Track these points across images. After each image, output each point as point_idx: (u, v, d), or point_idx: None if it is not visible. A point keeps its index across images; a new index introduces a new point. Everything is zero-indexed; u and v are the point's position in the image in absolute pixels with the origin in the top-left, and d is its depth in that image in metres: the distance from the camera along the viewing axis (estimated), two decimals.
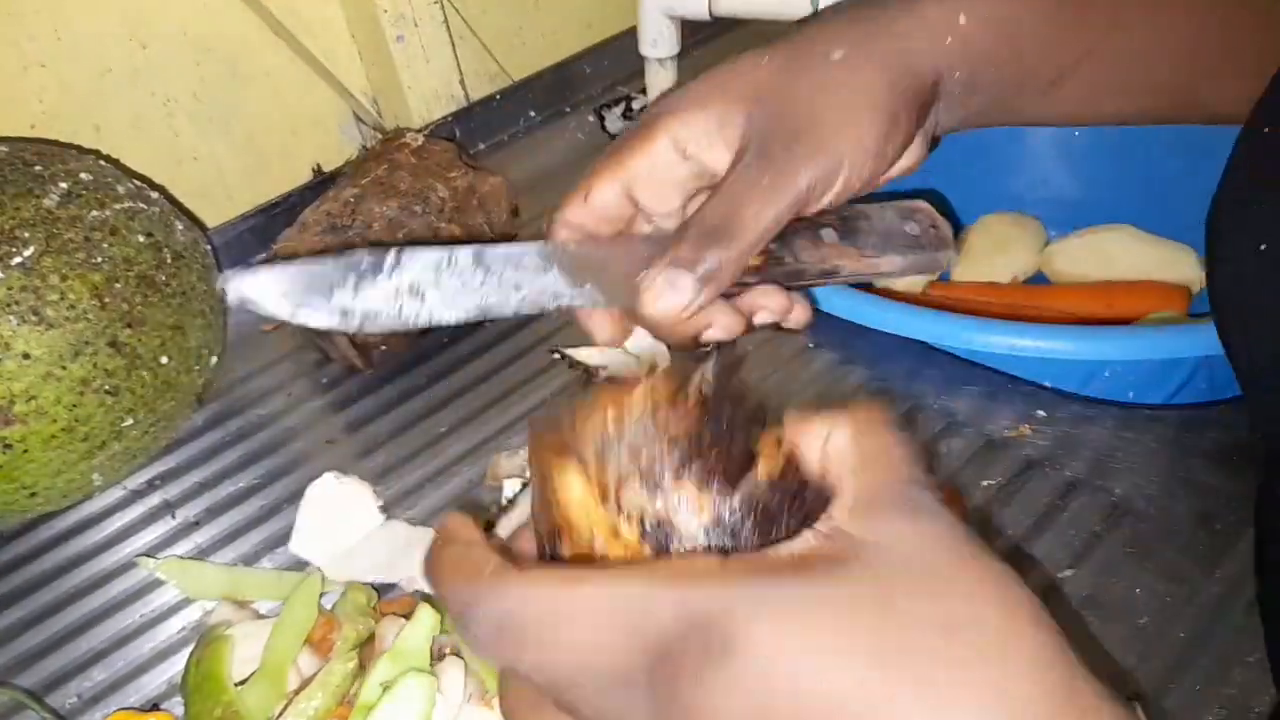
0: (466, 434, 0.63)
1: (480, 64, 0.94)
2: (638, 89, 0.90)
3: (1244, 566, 0.49)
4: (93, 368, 0.54)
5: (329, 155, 0.89)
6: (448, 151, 0.71)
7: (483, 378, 0.67)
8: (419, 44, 0.85)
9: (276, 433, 0.65)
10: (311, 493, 0.56)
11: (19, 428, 0.53)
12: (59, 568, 0.58)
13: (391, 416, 0.65)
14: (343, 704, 0.45)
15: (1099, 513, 0.53)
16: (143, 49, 0.77)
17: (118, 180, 0.60)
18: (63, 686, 0.52)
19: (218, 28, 0.79)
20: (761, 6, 0.80)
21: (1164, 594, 0.49)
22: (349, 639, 0.47)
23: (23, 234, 0.54)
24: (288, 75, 0.84)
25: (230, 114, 0.83)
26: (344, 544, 0.55)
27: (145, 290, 0.57)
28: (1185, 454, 0.55)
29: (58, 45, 0.73)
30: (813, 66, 0.39)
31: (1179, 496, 0.53)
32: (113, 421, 0.56)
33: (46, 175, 0.57)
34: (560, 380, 0.66)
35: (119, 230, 0.57)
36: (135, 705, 0.51)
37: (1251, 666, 0.45)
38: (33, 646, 0.54)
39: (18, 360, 0.52)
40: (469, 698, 0.45)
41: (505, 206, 0.72)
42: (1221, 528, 0.51)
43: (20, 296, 0.53)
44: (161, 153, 0.81)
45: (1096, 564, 0.51)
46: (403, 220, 0.65)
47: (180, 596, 0.56)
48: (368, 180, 0.68)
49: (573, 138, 0.89)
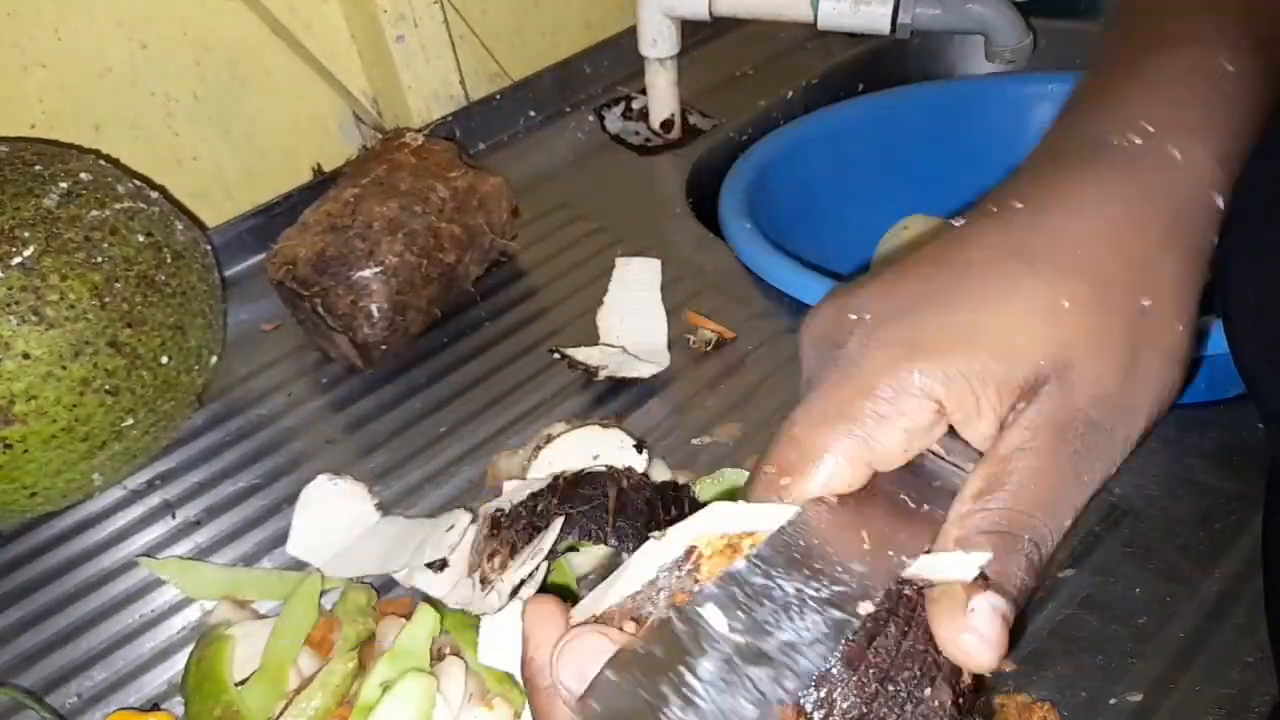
0: (466, 434, 0.63)
1: (480, 64, 0.94)
2: (638, 89, 0.90)
3: (1244, 566, 0.49)
4: (93, 368, 0.54)
5: (329, 155, 0.89)
6: (448, 151, 0.71)
7: (483, 378, 0.67)
8: (419, 44, 0.85)
9: (277, 432, 0.65)
10: (306, 495, 0.56)
11: (19, 427, 0.53)
12: (59, 568, 0.58)
13: (392, 416, 0.65)
14: (343, 704, 0.45)
15: (1099, 512, 0.53)
16: (143, 49, 0.77)
17: (118, 180, 0.60)
18: (63, 686, 0.52)
19: (218, 28, 0.79)
20: (761, 7, 0.80)
21: (1164, 594, 0.49)
22: (349, 639, 0.47)
23: (23, 234, 0.54)
24: (288, 75, 0.84)
25: (230, 114, 0.83)
26: (341, 544, 0.55)
27: (145, 290, 0.57)
28: (1185, 454, 0.55)
29: (58, 45, 0.73)
30: (1126, 325, 0.30)
31: (1179, 496, 0.53)
32: (113, 421, 0.56)
33: (46, 175, 0.57)
34: (560, 380, 0.66)
35: (119, 230, 0.57)
36: (135, 705, 0.51)
37: (1251, 666, 0.45)
38: (33, 646, 0.54)
39: (18, 360, 0.52)
40: (469, 698, 0.45)
41: (505, 206, 0.72)
42: (1221, 528, 0.51)
43: (20, 296, 0.53)
44: (161, 153, 0.81)
45: (1096, 564, 0.51)
46: (403, 220, 0.65)
47: (180, 596, 0.56)
48: (368, 180, 0.68)
49: (573, 138, 0.89)
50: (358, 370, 0.68)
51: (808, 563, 0.28)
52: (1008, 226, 0.32)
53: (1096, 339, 0.30)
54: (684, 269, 0.73)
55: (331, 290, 0.63)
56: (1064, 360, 0.29)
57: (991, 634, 0.27)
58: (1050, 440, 0.29)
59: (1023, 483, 0.29)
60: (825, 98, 0.91)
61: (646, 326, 0.68)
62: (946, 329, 0.30)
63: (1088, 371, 0.29)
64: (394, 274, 0.64)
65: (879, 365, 0.30)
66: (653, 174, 0.85)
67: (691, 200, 0.81)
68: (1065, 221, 0.32)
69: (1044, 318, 0.30)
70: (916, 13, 0.75)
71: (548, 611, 0.30)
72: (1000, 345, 0.29)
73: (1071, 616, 0.48)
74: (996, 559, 0.28)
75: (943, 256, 0.32)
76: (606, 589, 0.30)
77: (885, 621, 0.28)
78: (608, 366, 0.64)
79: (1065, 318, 0.30)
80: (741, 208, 0.74)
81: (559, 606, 0.30)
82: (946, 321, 0.30)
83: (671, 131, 0.88)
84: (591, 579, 0.50)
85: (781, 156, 0.80)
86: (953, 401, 0.29)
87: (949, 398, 0.29)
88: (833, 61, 0.95)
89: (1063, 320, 0.30)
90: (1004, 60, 0.77)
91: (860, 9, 0.76)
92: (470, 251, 0.69)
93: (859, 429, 0.29)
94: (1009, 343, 0.29)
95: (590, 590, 0.31)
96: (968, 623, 0.27)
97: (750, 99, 0.91)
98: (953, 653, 0.27)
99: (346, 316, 0.64)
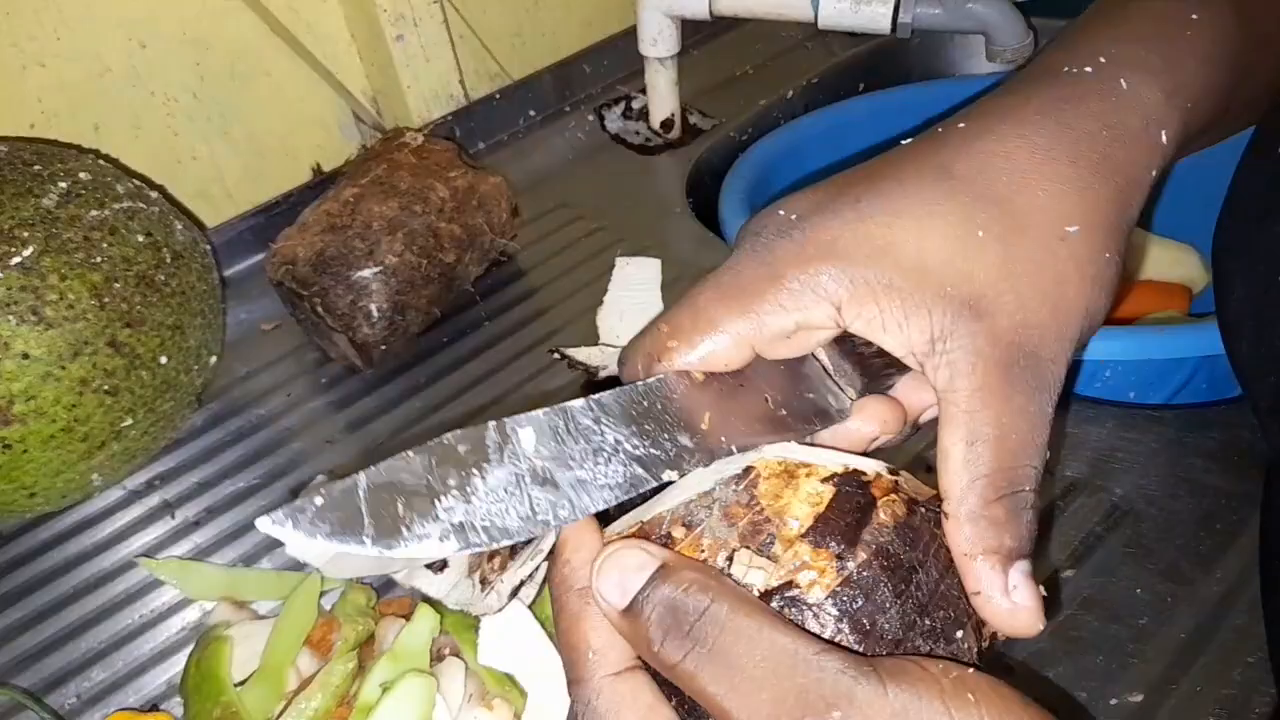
0: None
1: (480, 63, 0.94)
2: (637, 88, 0.90)
3: (1244, 566, 0.49)
4: (92, 368, 0.54)
5: (329, 155, 0.89)
6: (448, 151, 0.71)
7: (483, 377, 0.67)
8: (419, 44, 0.85)
9: (276, 432, 0.65)
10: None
11: (18, 428, 0.53)
12: (58, 568, 0.58)
13: (391, 416, 0.65)
14: (342, 704, 0.45)
15: (1099, 513, 0.53)
16: (142, 49, 0.77)
17: (117, 180, 0.60)
18: (62, 687, 0.52)
19: (217, 27, 0.79)
20: (761, 6, 0.79)
21: (1164, 594, 0.49)
22: (348, 639, 0.47)
23: (22, 234, 0.53)
24: (287, 75, 0.84)
25: (230, 113, 0.83)
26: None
27: (144, 290, 0.57)
28: (1185, 454, 0.55)
29: (57, 45, 0.73)
30: (1046, 251, 0.31)
31: (1179, 497, 0.53)
32: (112, 421, 0.56)
33: (45, 175, 0.57)
34: (560, 380, 0.66)
35: (118, 230, 0.57)
36: (135, 705, 0.51)
37: (1251, 667, 0.45)
38: (32, 647, 0.54)
39: (17, 360, 0.52)
40: (469, 698, 0.45)
41: (505, 206, 0.72)
42: (1222, 528, 0.51)
43: (19, 296, 0.52)
44: (161, 152, 0.81)
45: (1097, 564, 0.51)
46: (403, 220, 0.65)
47: (180, 597, 0.56)
48: (367, 180, 0.68)
49: (573, 137, 0.89)
50: (357, 370, 0.68)
51: (640, 422, 0.30)
52: (942, 146, 0.33)
53: (1009, 268, 0.30)
54: (684, 269, 0.73)
55: (331, 290, 0.63)
56: (975, 290, 0.30)
57: (1036, 603, 0.29)
58: (1000, 379, 0.30)
59: (998, 432, 0.30)
60: (826, 97, 0.91)
61: None
62: (863, 238, 0.30)
63: (1006, 301, 0.30)
64: (394, 274, 0.64)
65: (790, 257, 0.31)
66: (653, 173, 0.85)
67: (691, 200, 0.81)
68: (996, 144, 0.32)
69: (957, 243, 0.30)
70: (917, 12, 0.75)
71: (587, 525, 0.31)
72: (909, 262, 0.30)
73: (1072, 617, 0.48)
74: (1012, 524, 0.29)
75: (878, 170, 0.33)
76: (656, 502, 0.31)
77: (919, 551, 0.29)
78: (608, 366, 0.64)
79: (976, 248, 0.30)
80: (741, 207, 0.74)
81: (596, 525, 0.31)
82: (864, 231, 0.31)
83: (671, 131, 0.88)
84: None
85: (781, 156, 0.80)
86: (852, 308, 0.30)
87: (849, 302, 0.30)
88: (833, 61, 0.95)
89: (973, 247, 0.30)
90: (1004, 60, 0.77)
91: (861, 8, 0.76)
92: (470, 251, 0.69)
93: (755, 311, 0.31)
94: (919, 262, 0.30)
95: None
96: (1016, 604, 0.29)
97: (750, 98, 0.91)
98: (1006, 628, 0.29)
99: (346, 316, 0.64)
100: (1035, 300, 0.30)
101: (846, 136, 0.83)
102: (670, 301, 0.69)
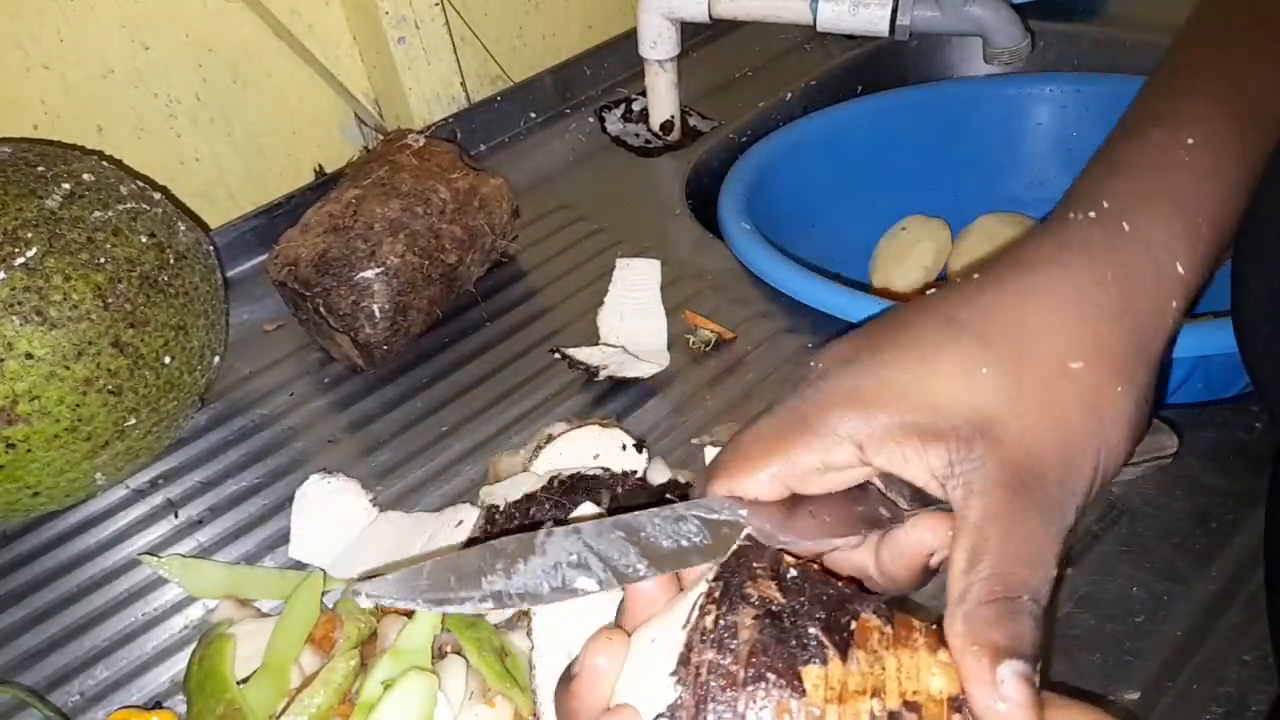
0: (467, 434, 0.63)
1: (481, 65, 0.94)
2: (638, 90, 0.91)
3: (1240, 565, 0.49)
4: (96, 368, 0.55)
5: (331, 156, 0.90)
6: (449, 153, 0.72)
7: (483, 377, 0.67)
8: (420, 46, 0.86)
9: (279, 432, 0.65)
10: (301, 495, 0.56)
11: (22, 427, 0.53)
12: (62, 566, 0.59)
13: (393, 416, 0.65)
14: (344, 702, 0.46)
15: (1096, 512, 0.53)
16: (145, 50, 0.77)
17: (120, 181, 0.60)
18: (65, 685, 0.53)
19: (220, 29, 0.80)
20: (761, 9, 0.80)
21: (1161, 592, 0.49)
22: (351, 637, 0.47)
23: (26, 234, 0.54)
24: (290, 77, 0.85)
25: (232, 115, 0.83)
26: (341, 542, 0.55)
27: (148, 291, 0.57)
28: (1182, 454, 0.55)
29: (60, 47, 0.73)
30: (1049, 386, 0.33)
31: (1176, 496, 0.53)
32: (116, 421, 0.56)
33: (49, 176, 0.57)
34: (560, 380, 0.66)
35: (122, 231, 0.57)
36: (138, 703, 0.51)
37: (1248, 664, 0.45)
38: (35, 645, 0.54)
39: (21, 360, 0.53)
40: (470, 696, 0.46)
41: (506, 208, 0.72)
42: (1218, 526, 0.51)
43: (23, 297, 0.53)
44: (164, 154, 0.81)
45: (1094, 563, 0.51)
46: (404, 221, 0.66)
47: (183, 595, 0.56)
48: (369, 181, 0.68)
49: (573, 139, 0.90)
50: (359, 370, 0.68)
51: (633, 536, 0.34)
52: (952, 295, 0.36)
53: (1011, 400, 0.33)
54: (684, 269, 0.73)
55: (333, 291, 0.64)
56: (983, 421, 0.32)
57: (1023, 698, 0.29)
58: (1007, 498, 0.32)
59: (1001, 543, 0.31)
60: (824, 99, 0.91)
61: (646, 327, 0.68)
62: (880, 384, 0.34)
63: (1010, 429, 0.32)
64: (395, 275, 0.64)
65: (816, 407, 0.34)
66: (653, 175, 0.85)
67: (691, 201, 0.81)
68: (1000, 291, 0.35)
69: (962, 379, 0.33)
70: (915, 15, 0.75)
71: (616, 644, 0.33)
72: (922, 402, 0.33)
73: (1068, 615, 0.49)
74: (1005, 623, 0.30)
75: (896, 319, 0.36)
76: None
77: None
78: (608, 366, 0.64)
79: (981, 381, 0.33)
80: (741, 208, 0.74)
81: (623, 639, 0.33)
82: (882, 377, 0.34)
83: (671, 133, 0.88)
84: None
85: (781, 157, 0.80)
86: (873, 447, 0.33)
87: (869, 442, 0.33)
88: (832, 63, 0.95)
89: (978, 384, 0.33)
90: (1002, 62, 0.77)
91: (859, 11, 0.76)
92: (471, 252, 0.70)
93: (787, 453, 0.34)
94: (930, 401, 0.33)
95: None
96: (1001, 694, 0.29)
97: (750, 100, 0.91)
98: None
99: (348, 317, 0.64)
100: (1041, 429, 0.32)
101: (845, 138, 0.83)
102: (670, 302, 0.70)
